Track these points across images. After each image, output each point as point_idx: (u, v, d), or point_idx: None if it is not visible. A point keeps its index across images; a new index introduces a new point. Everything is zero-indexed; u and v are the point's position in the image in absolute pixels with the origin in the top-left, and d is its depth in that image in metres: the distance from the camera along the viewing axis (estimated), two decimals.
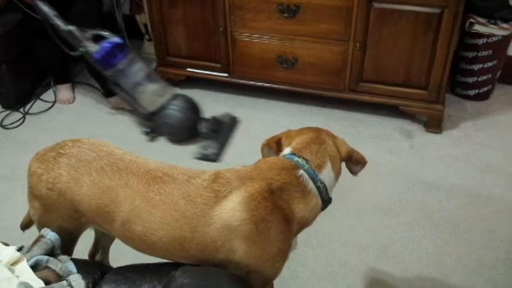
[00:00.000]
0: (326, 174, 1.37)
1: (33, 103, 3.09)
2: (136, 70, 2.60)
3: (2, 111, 3.03)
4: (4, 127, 2.92)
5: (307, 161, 1.35)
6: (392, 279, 1.97)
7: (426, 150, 2.63)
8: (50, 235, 1.25)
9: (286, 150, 1.42)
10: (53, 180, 1.37)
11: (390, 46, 2.56)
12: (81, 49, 2.55)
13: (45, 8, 2.53)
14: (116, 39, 2.55)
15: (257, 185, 1.29)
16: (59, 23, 2.53)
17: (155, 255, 1.39)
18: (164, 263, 1.39)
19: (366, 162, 1.46)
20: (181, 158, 2.60)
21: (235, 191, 1.28)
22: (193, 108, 2.71)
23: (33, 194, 1.43)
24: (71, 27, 2.52)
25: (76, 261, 1.23)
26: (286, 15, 2.61)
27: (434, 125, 2.72)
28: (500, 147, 2.64)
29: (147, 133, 2.77)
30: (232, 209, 1.26)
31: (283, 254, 1.34)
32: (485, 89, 2.95)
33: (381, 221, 2.22)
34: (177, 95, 2.70)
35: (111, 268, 1.40)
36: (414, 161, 2.56)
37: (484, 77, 2.90)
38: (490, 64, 2.85)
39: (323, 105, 2.94)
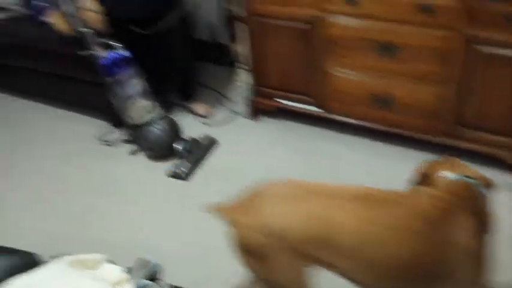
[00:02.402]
0: None
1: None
2: (133, 84, 2.80)
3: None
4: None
5: None
6: None
7: None
8: (155, 261, 1.27)
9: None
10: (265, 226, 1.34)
11: (494, 91, 2.42)
12: (90, 51, 2.75)
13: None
14: (125, 53, 2.74)
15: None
16: (77, 23, 2.75)
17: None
18: None
19: None
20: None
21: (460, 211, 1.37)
22: (174, 129, 2.93)
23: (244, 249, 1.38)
24: (88, 30, 2.72)
25: None
26: (383, 54, 2.56)
27: None
28: None
29: (125, 141, 3.05)
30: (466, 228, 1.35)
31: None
32: None
33: None
34: (163, 116, 2.92)
35: None
36: None
37: None
38: None
39: (415, 147, 2.81)
